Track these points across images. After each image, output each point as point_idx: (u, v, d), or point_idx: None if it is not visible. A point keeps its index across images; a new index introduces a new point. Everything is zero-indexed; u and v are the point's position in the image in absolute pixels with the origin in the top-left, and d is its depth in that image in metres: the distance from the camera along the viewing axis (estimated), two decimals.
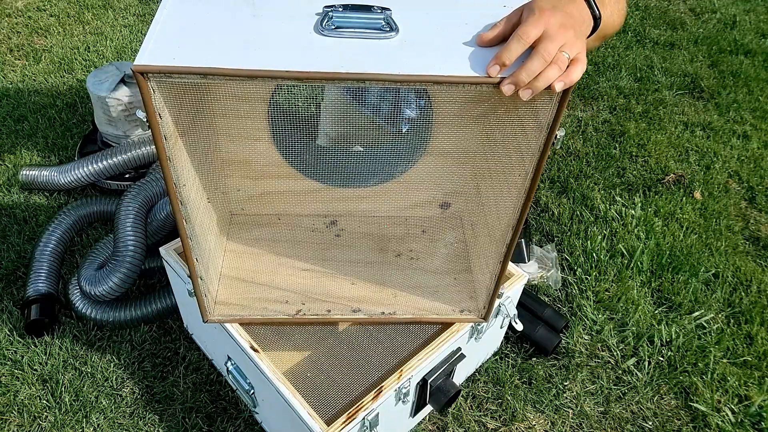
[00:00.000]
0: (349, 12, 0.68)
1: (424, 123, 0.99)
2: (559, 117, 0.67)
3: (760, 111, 2.00)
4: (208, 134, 0.91)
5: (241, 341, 0.92)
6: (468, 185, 1.07)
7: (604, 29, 0.77)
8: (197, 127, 0.83)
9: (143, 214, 1.21)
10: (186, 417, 1.07)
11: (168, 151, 0.69)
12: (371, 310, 0.97)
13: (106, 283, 1.14)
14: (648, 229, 1.52)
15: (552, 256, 1.38)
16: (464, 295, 1.00)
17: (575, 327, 1.27)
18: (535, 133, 0.72)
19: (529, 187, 0.75)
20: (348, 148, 1.07)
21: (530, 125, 0.74)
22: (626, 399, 1.16)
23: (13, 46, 2.02)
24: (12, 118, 1.70)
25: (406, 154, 1.04)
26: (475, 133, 0.98)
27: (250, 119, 0.95)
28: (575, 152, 1.77)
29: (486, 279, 0.94)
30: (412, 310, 0.97)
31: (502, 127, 0.87)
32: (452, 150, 1.01)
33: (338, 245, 1.08)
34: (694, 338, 1.27)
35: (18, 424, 1.05)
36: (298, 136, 0.99)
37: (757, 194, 1.67)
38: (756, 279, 1.42)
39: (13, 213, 1.42)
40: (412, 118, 1.05)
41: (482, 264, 0.97)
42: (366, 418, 0.85)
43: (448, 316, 0.97)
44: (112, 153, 1.40)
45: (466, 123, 0.97)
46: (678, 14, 2.57)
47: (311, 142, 1.04)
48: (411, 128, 1.04)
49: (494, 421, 1.11)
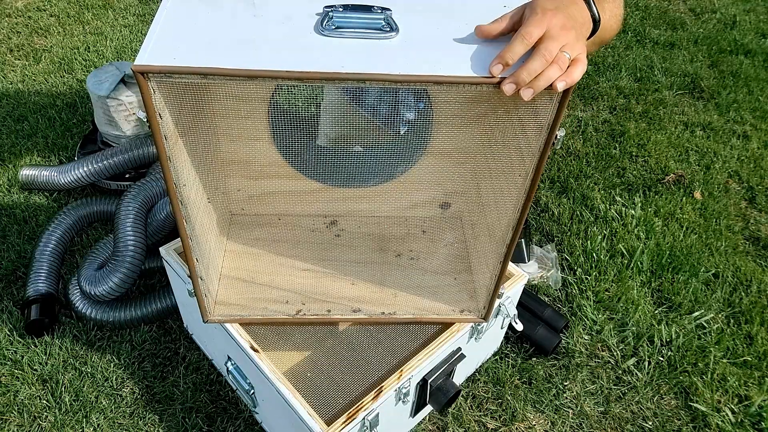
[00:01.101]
0: (350, 12, 0.68)
1: (424, 123, 0.99)
2: (560, 117, 0.67)
3: (760, 111, 2.00)
4: (209, 134, 0.91)
5: (241, 341, 0.92)
6: (468, 185, 1.07)
7: (602, 33, 0.78)
8: (197, 127, 0.83)
9: (143, 214, 1.21)
10: (186, 417, 1.07)
11: (168, 151, 0.69)
12: (371, 310, 0.97)
13: (106, 283, 1.14)
14: (648, 229, 1.52)
15: (552, 256, 1.38)
16: (464, 295, 1.00)
17: (575, 327, 1.27)
18: (535, 133, 0.72)
19: (529, 187, 0.75)
20: (348, 148, 1.07)
21: (530, 125, 0.74)
22: (626, 399, 1.16)
23: (13, 46, 2.02)
24: (12, 118, 1.70)
25: (405, 154, 1.04)
26: (475, 134, 0.98)
27: (251, 119, 0.95)
28: (575, 152, 1.77)
29: (486, 279, 0.94)
30: (412, 310, 0.97)
31: (502, 128, 0.87)
32: (452, 150, 1.01)
33: (338, 245, 1.08)
34: (694, 338, 1.27)
35: (18, 424, 1.05)
36: (298, 136, 0.99)
37: (757, 194, 1.67)
38: (756, 279, 1.42)
39: (13, 213, 1.42)
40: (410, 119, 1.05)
41: (482, 264, 0.97)
42: (366, 418, 0.85)
43: (449, 316, 0.97)
44: (112, 153, 1.40)
45: (466, 123, 0.97)
46: (678, 14, 2.57)
47: (311, 142, 1.04)
48: (410, 129, 1.04)
49: (494, 421, 1.11)
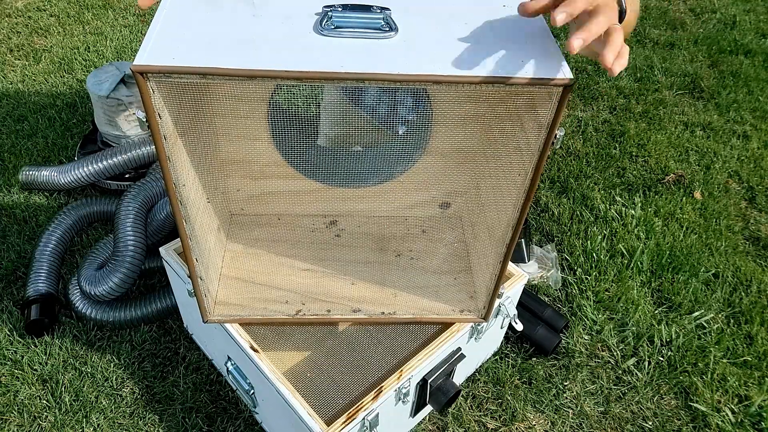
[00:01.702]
0: (349, 12, 0.68)
1: (424, 123, 0.99)
2: (559, 116, 0.67)
3: (760, 111, 2.00)
4: (208, 134, 0.91)
5: (241, 341, 0.92)
6: (468, 185, 1.07)
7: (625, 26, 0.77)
8: (197, 127, 0.83)
9: (143, 214, 1.21)
10: (186, 417, 1.07)
11: (167, 150, 0.69)
12: (371, 310, 0.97)
13: (106, 283, 1.14)
14: (648, 229, 1.52)
15: (552, 256, 1.38)
16: (464, 294, 1.00)
17: (575, 327, 1.27)
18: (534, 132, 0.72)
19: (528, 187, 0.75)
20: (347, 148, 1.07)
21: (530, 125, 0.74)
22: (626, 399, 1.16)
23: (13, 46, 2.02)
24: (12, 118, 1.70)
25: (405, 154, 1.04)
26: (475, 133, 0.98)
27: (250, 119, 0.95)
28: (575, 152, 1.77)
29: (486, 278, 0.94)
30: (412, 310, 0.97)
31: (502, 127, 0.87)
32: (452, 150, 1.01)
33: (338, 245, 1.08)
34: (694, 338, 1.27)
35: (18, 424, 1.05)
36: (297, 136, 0.99)
37: (757, 194, 1.67)
38: (756, 279, 1.42)
39: (13, 213, 1.42)
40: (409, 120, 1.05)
41: (482, 263, 0.97)
42: (366, 418, 0.85)
43: (448, 316, 0.97)
44: (112, 153, 1.40)
45: (466, 122, 0.97)
46: (678, 14, 2.57)
47: (311, 142, 1.04)
48: (409, 129, 1.04)
49: (494, 421, 1.11)
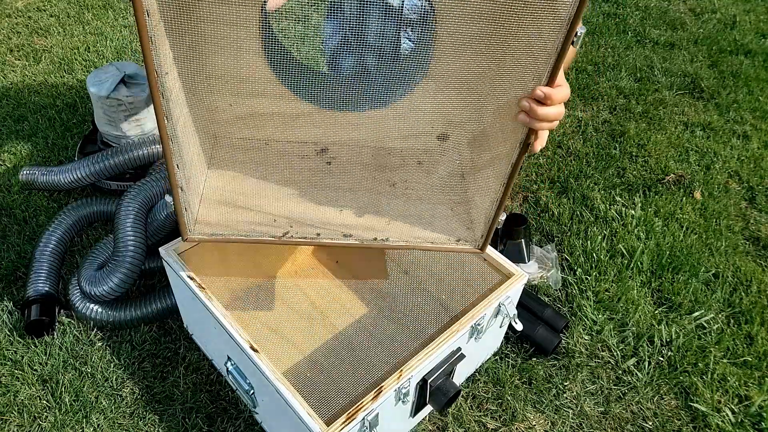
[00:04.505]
0: None
1: (426, 43, 0.92)
2: (582, 8, 0.59)
3: (760, 111, 2.00)
4: (194, 39, 0.83)
5: (241, 341, 0.92)
6: (470, 105, 0.99)
7: None
8: (183, 32, 0.76)
9: (143, 215, 1.21)
10: (186, 417, 1.07)
11: (150, 29, 0.63)
12: (363, 235, 0.92)
13: (106, 284, 1.14)
14: (648, 229, 1.52)
15: (552, 256, 1.38)
16: (461, 225, 0.95)
17: (575, 327, 1.27)
18: (553, 28, 0.64)
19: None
20: (344, 64, 1.01)
21: (547, 20, 0.66)
22: (626, 399, 1.16)
23: (13, 46, 2.02)
24: (12, 118, 1.70)
25: (404, 76, 0.97)
26: (482, 51, 0.88)
27: (241, 28, 0.87)
28: (575, 152, 1.77)
29: (486, 205, 0.89)
30: (406, 237, 0.93)
31: (515, 22, 0.78)
32: (455, 72, 0.92)
33: (329, 173, 1.02)
34: (694, 338, 1.27)
35: (18, 425, 1.05)
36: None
37: (757, 194, 1.67)
38: (756, 279, 1.42)
39: (13, 213, 1.42)
40: (412, 39, 1.00)
41: (482, 190, 0.92)
42: (366, 418, 0.85)
43: (444, 245, 0.93)
44: (112, 153, 1.40)
45: (476, 19, 0.86)
46: (678, 14, 2.57)
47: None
48: (413, 49, 0.98)
49: (494, 421, 1.11)
